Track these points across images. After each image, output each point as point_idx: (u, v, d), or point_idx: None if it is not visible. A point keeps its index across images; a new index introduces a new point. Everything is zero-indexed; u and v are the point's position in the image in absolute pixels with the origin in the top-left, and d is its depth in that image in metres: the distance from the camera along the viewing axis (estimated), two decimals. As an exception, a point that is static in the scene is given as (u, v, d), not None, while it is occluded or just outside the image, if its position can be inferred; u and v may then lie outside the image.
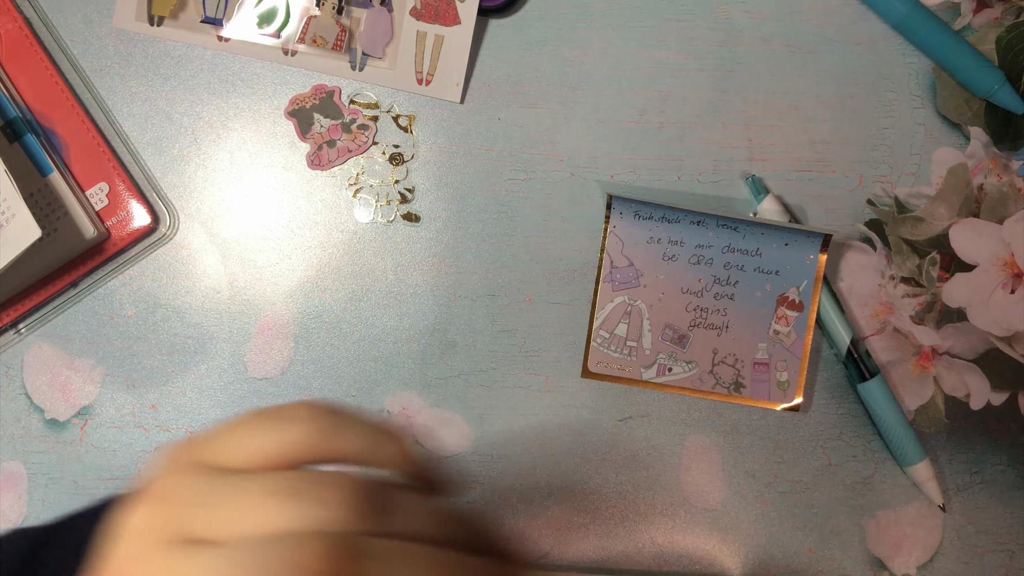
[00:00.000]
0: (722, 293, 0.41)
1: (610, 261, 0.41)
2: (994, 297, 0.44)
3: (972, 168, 0.45)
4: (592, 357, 0.41)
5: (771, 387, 0.41)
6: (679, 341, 0.41)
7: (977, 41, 0.44)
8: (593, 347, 0.41)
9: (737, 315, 0.41)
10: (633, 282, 0.41)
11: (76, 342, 0.43)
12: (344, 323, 0.43)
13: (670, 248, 0.41)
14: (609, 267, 0.41)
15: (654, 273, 0.41)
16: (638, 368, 0.41)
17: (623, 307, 0.41)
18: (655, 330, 0.41)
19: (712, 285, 0.41)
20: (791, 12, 0.45)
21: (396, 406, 0.43)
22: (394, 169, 0.44)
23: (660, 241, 0.41)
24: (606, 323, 0.41)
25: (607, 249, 0.41)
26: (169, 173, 0.43)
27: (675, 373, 0.41)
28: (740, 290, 0.41)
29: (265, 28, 0.43)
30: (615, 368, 0.41)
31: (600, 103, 0.44)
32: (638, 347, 0.41)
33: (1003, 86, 0.43)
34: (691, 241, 0.41)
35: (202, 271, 0.43)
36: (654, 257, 0.41)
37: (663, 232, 0.41)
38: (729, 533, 0.43)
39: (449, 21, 0.43)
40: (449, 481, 0.23)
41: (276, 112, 0.44)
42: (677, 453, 0.44)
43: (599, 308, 0.41)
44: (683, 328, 0.41)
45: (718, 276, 0.41)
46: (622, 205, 0.41)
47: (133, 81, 0.44)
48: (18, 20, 0.42)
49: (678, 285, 0.41)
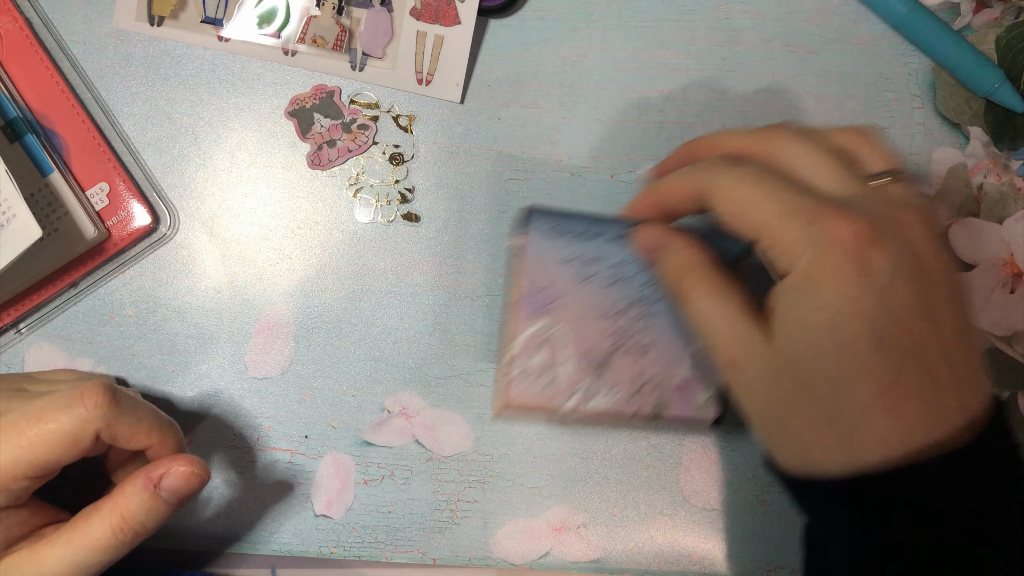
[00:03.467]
0: (643, 313, 0.38)
1: (524, 282, 0.38)
2: (994, 297, 0.44)
3: (972, 168, 0.45)
4: (512, 396, 0.37)
5: (692, 406, 0.38)
6: (601, 367, 0.38)
7: (977, 41, 0.44)
8: (509, 385, 0.37)
9: (661, 333, 0.38)
10: (549, 306, 0.38)
11: (76, 342, 0.43)
12: (344, 323, 0.43)
13: (588, 267, 0.38)
14: (523, 289, 0.38)
15: (572, 296, 0.38)
16: (560, 400, 0.37)
17: (539, 335, 0.37)
18: (575, 357, 0.38)
19: (633, 304, 0.38)
20: (791, 12, 0.45)
21: (396, 406, 0.43)
22: (394, 169, 0.44)
23: (575, 260, 0.38)
24: (522, 355, 0.37)
25: (526, 270, 0.38)
26: (169, 173, 0.43)
27: (598, 401, 0.38)
28: (662, 307, 0.38)
29: (265, 28, 0.43)
30: (536, 406, 0.37)
31: (600, 103, 0.45)
32: (558, 378, 0.37)
33: (1003, 84, 0.43)
34: (608, 259, 0.38)
35: (202, 271, 0.43)
36: (571, 278, 0.38)
37: (580, 250, 0.38)
38: (729, 533, 0.43)
39: (449, 21, 0.43)
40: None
41: (276, 112, 0.44)
42: (677, 453, 0.44)
43: (509, 339, 0.37)
44: (604, 354, 0.38)
45: (639, 294, 0.38)
46: (540, 221, 0.38)
47: (133, 81, 0.44)
48: (18, 20, 0.42)
49: (597, 307, 0.38)
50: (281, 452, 0.43)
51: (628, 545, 0.43)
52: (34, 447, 0.32)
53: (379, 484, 0.43)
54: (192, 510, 0.42)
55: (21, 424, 0.32)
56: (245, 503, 0.42)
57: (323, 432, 0.43)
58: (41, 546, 0.33)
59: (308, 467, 0.43)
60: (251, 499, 0.42)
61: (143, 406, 0.35)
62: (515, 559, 0.43)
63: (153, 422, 0.35)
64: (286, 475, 0.43)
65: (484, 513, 0.43)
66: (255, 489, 0.43)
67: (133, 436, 0.34)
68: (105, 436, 0.33)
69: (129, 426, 0.34)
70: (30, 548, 0.33)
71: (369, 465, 0.43)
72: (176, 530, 0.42)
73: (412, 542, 0.43)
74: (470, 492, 0.43)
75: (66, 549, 0.33)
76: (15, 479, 0.32)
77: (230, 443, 0.43)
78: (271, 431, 0.43)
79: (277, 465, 0.43)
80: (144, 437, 0.34)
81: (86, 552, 0.33)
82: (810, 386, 0.29)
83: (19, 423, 0.32)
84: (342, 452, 0.43)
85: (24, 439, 0.32)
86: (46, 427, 0.32)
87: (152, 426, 0.35)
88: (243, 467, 0.43)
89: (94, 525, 0.33)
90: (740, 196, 0.31)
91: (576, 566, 0.43)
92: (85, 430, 0.32)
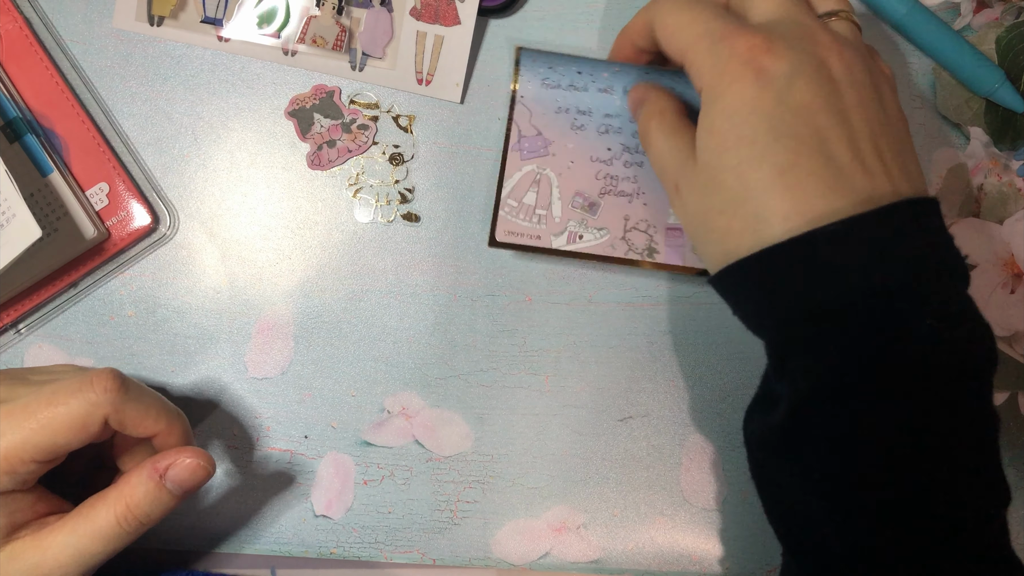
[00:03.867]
0: (632, 161, 0.40)
1: (518, 130, 0.40)
2: (994, 297, 0.44)
3: (972, 168, 0.45)
4: (501, 226, 0.40)
5: (685, 252, 0.40)
6: (589, 208, 0.40)
7: (977, 41, 0.44)
8: (501, 216, 0.40)
9: (648, 182, 0.40)
10: (542, 151, 0.40)
11: (76, 342, 0.43)
12: (344, 323, 0.43)
13: (579, 118, 0.40)
14: (517, 136, 0.40)
15: (563, 142, 0.40)
16: (548, 236, 0.40)
17: (532, 175, 0.40)
18: (565, 198, 0.40)
19: (622, 153, 0.40)
20: (791, 12, 0.45)
21: (396, 406, 0.43)
22: (394, 169, 0.44)
23: (568, 111, 0.40)
24: (514, 192, 0.40)
25: (515, 119, 0.40)
26: (169, 173, 0.43)
27: (586, 240, 0.40)
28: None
29: (265, 28, 0.43)
30: (525, 237, 0.40)
31: (600, 103, 0.44)
32: (548, 215, 0.40)
33: (1003, 84, 0.43)
34: (599, 110, 0.40)
35: (202, 271, 0.43)
36: (562, 126, 0.40)
37: (571, 101, 0.40)
38: (729, 533, 0.43)
39: (449, 21, 0.43)
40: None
41: (276, 112, 0.44)
42: (677, 453, 0.44)
43: (507, 177, 0.40)
44: (593, 195, 0.40)
45: (627, 144, 0.40)
46: (531, 63, 0.40)
47: (133, 81, 0.44)
48: (18, 20, 0.42)
49: (587, 154, 0.40)
50: (281, 452, 0.43)
51: (628, 545, 0.43)
52: (44, 430, 0.32)
53: (379, 484, 0.43)
54: (192, 510, 0.42)
55: (32, 407, 0.32)
56: (245, 503, 0.42)
57: (323, 432, 0.43)
58: (45, 533, 0.33)
59: (308, 467, 0.43)
60: (251, 499, 0.42)
61: (150, 394, 0.35)
62: (515, 559, 0.43)
63: (161, 409, 0.35)
64: (286, 475, 0.43)
65: (484, 513, 0.43)
66: (255, 489, 0.43)
67: (140, 422, 0.34)
68: (113, 421, 0.34)
69: (137, 412, 0.34)
70: (34, 535, 0.33)
71: (369, 465, 0.43)
72: (176, 530, 0.42)
73: (412, 542, 0.43)
74: (470, 492, 0.43)
75: (70, 536, 0.33)
76: (23, 462, 0.32)
77: (230, 443, 0.43)
78: (271, 431, 0.43)
79: (277, 465, 0.43)
80: (152, 424, 0.35)
81: (90, 540, 0.33)
82: (720, 181, 0.32)
83: (29, 406, 0.33)
84: (342, 452, 0.43)
85: (34, 422, 0.32)
86: (56, 410, 0.32)
87: (160, 413, 0.35)
88: (243, 467, 0.43)
89: (99, 513, 0.33)
90: (671, 22, 0.35)
91: (576, 566, 0.43)
92: (94, 415, 0.33)
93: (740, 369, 0.44)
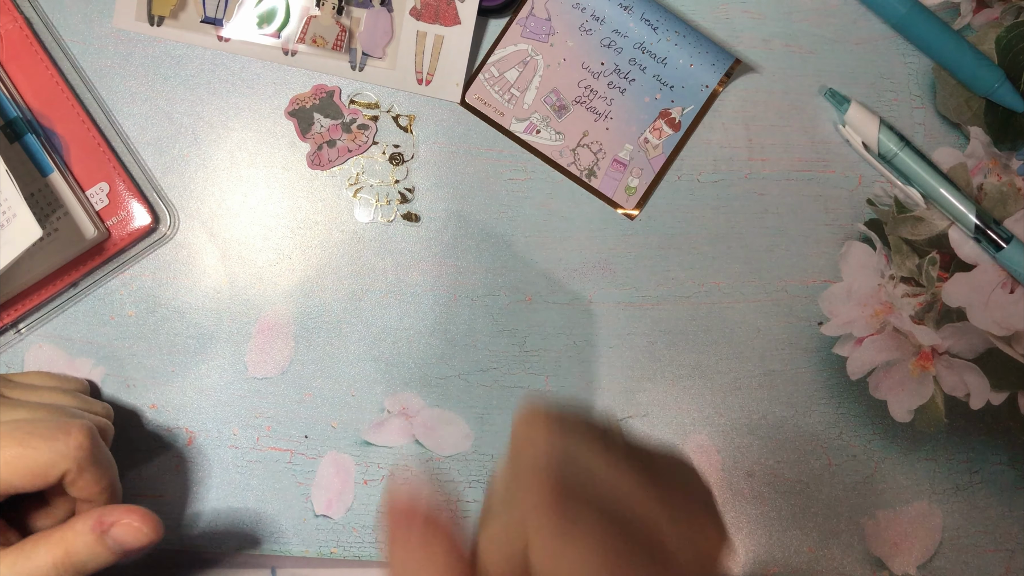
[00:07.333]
0: (615, 84, 0.41)
1: (531, 6, 0.41)
2: (994, 297, 0.44)
3: (972, 168, 0.45)
4: (475, 89, 0.41)
5: (619, 187, 0.42)
6: (558, 110, 0.41)
7: (977, 41, 0.44)
8: (479, 80, 0.41)
9: (619, 110, 0.41)
10: (543, 36, 0.41)
11: (76, 342, 0.43)
12: (344, 323, 0.43)
13: (590, 22, 0.41)
14: (529, 11, 0.41)
15: (565, 37, 0.41)
16: (510, 117, 0.41)
17: (523, 55, 0.41)
18: (542, 90, 0.41)
19: (611, 72, 0.41)
20: (791, 12, 0.45)
21: (396, 406, 0.43)
22: (394, 169, 0.44)
23: (584, 10, 0.41)
24: (501, 62, 0.41)
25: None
26: (169, 173, 0.43)
27: (541, 137, 0.42)
28: (633, 88, 0.42)
29: (265, 28, 0.43)
30: (491, 109, 0.41)
31: (600, 103, 0.44)
32: (520, 99, 0.41)
33: (1003, 84, 0.43)
34: (611, 23, 0.41)
35: (202, 271, 0.43)
36: (572, 23, 0.41)
37: (591, 3, 0.41)
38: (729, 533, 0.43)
39: (449, 21, 0.43)
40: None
41: (276, 112, 0.44)
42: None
43: (501, 46, 0.41)
44: (567, 100, 0.41)
45: (619, 67, 0.41)
46: None
47: (133, 81, 0.44)
48: (18, 20, 0.42)
49: (581, 59, 0.41)
50: (281, 452, 0.43)
51: (628, 545, 0.43)
52: (6, 467, 0.32)
53: (379, 484, 0.43)
54: (192, 510, 0.42)
55: (3, 441, 0.32)
56: (245, 503, 0.42)
57: (323, 432, 0.43)
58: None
59: (308, 467, 0.43)
60: (251, 499, 0.42)
61: (110, 462, 0.35)
62: (515, 559, 0.43)
63: (112, 480, 0.35)
64: (286, 475, 0.43)
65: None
66: (255, 489, 0.43)
67: (90, 487, 0.34)
68: (68, 479, 0.33)
69: (94, 478, 0.34)
70: None
71: (369, 465, 0.43)
72: (177, 530, 0.42)
73: (412, 542, 0.43)
74: (470, 492, 0.43)
75: (9, 571, 0.33)
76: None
77: (230, 443, 0.43)
78: (271, 431, 0.43)
79: (277, 465, 0.43)
80: (97, 493, 0.34)
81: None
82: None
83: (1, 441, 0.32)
84: (342, 452, 0.43)
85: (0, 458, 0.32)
86: (23, 452, 0.32)
87: (109, 485, 0.35)
88: (243, 467, 0.43)
89: (39, 553, 0.33)
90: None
91: (576, 566, 0.43)
92: (57, 466, 0.33)
93: (740, 369, 0.44)
